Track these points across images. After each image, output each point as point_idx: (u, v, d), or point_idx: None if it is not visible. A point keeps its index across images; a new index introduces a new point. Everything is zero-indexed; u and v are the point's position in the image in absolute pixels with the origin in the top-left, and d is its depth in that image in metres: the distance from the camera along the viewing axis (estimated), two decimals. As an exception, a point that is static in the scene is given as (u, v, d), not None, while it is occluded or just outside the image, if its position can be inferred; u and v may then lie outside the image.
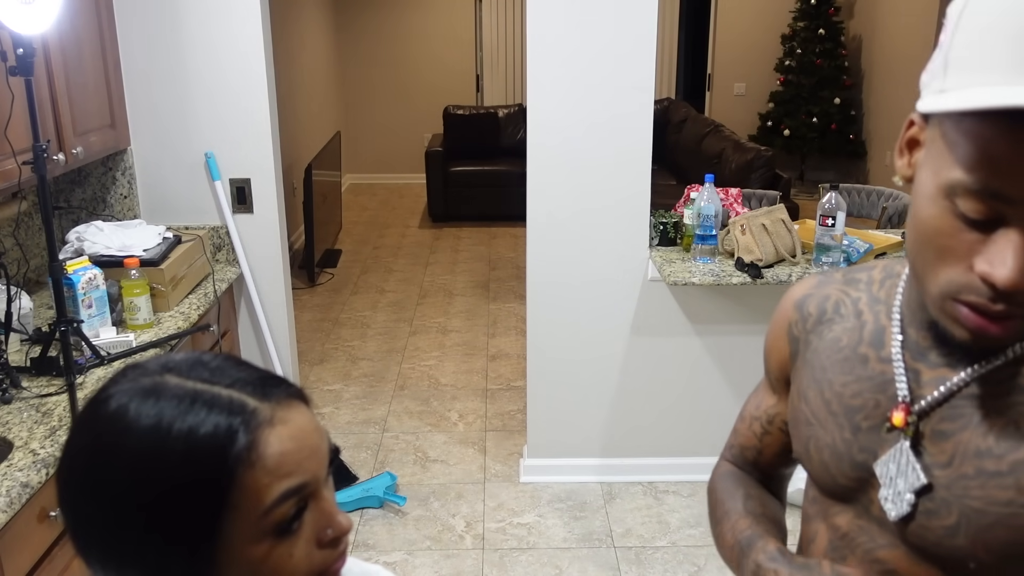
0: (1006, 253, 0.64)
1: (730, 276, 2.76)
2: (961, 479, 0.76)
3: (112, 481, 0.63)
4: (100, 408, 0.66)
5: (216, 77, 2.82)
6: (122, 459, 0.63)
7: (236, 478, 0.63)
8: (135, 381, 0.66)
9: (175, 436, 0.63)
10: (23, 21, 1.76)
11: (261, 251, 3.00)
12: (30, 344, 2.17)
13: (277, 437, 0.66)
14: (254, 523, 0.64)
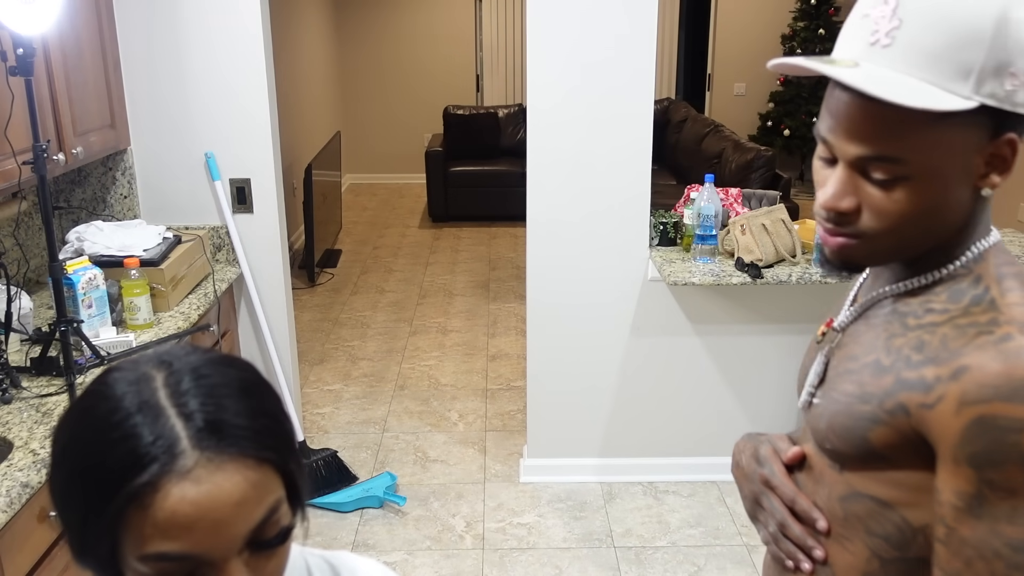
0: (829, 182, 0.86)
1: (730, 276, 2.76)
2: (836, 377, 0.93)
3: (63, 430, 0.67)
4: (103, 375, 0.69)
5: (216, 77, 2.82)
6: (74, 415, 0.67)
7: (124, 510, 0.62)
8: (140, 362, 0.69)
9: (112, 429, 0.63)
10: (23, 21, 1.76)
11: (261, 251, 3.00)
12: (30, 344, 2.17)
13: (179, 495, 0.61)
14: (136, 559, 0.63)
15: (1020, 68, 0.78)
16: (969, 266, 0.87)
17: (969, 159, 0.82)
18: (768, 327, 3.10)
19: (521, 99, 8.41)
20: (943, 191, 0.82)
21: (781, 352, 3.13)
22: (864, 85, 0.78)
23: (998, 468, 0.77)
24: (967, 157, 0.81)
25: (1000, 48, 0.77)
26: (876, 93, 0.77)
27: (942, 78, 0.78)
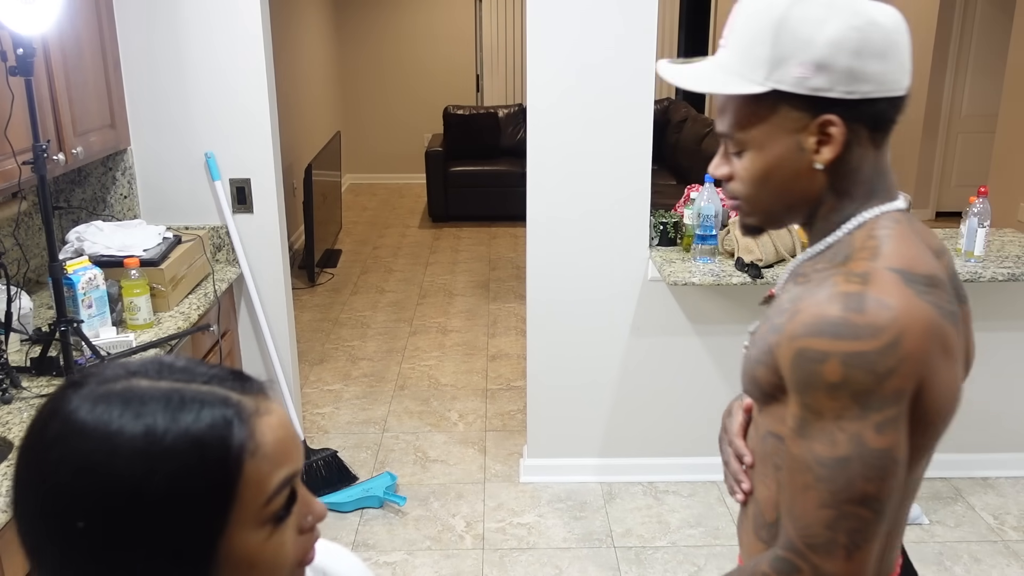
0: (716, 158, 1.06)
1: (730, 276, 2.76)
2: (755, 334, 1.04)
3: (104, 500, 0.60)
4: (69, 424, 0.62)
5: (216, 77, 2.82)
6: (116, 474, 0.60)
7: (242, 469, 0.63)
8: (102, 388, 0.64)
9: (172, 439, 0.61)
10: (23, 21, 1.76)
11: (261, 251, 3.00)
12: (30, 344, 2.16)
13: (269, 426, 0.66)
14: (255, 514, 0.65)
15: (805, 59, 0.92)
16: (852, 232, 0.99)
17: (795, 136, 0.97)
18: (768, 327, 3.10)
19: (521, 99, 8.41)
20: (776, 160, 0.98)
21: (781, 352, 3.13)
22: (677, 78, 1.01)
23: (810, 393, 0.90)
24: (791, 134, 0.97)
25: (781, 43, 0.93)
26: (682, 84, 1.00)
27: (746, 69, 0.96)
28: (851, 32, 0.91)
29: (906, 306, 0.89)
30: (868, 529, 0.89)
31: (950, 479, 3.23)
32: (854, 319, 0.88)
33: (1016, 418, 3.21)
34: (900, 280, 0.91)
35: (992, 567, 2.74)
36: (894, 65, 0.94)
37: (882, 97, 0.96)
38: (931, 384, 0.90)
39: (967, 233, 2.85)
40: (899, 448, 0.89)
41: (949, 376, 0.91)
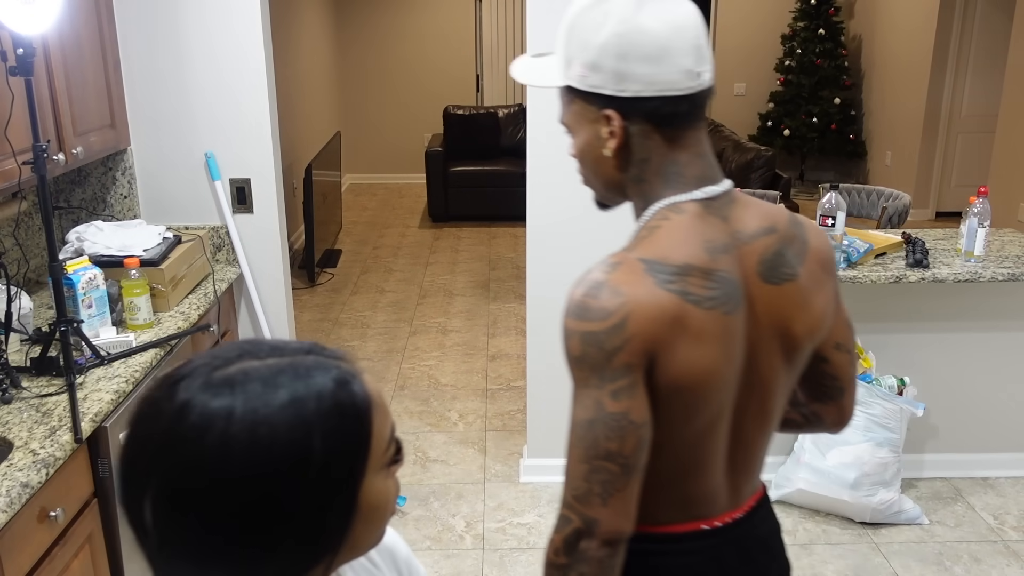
0: None
1: (730, 276, 2.76)
2: None
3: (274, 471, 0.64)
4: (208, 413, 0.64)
5: (216, 77, 2.82)
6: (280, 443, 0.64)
7: (371, 420, 0.69)
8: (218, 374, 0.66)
9: (315, 402, 0.66)
10: (23, 21, 1.76)
11: (261, 251, 3.00)
12: (30, 344, 2.16)
13: (370, 382, 0.72)
14: (379, 461, 0.71)
15: (584, 60, 1.07)
16: (648, 218, 1.11)
17: (594, 126, 1.09)
18: (768, 327, 3.10)
19: (521, 99, 8.41)
20: (583, 145, 1.12)
21: (781, 352, 3.13)
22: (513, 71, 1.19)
23: (568, 366, 1.05)
24: (591, 123, 1.10)
25: (570, 46, 1.09)
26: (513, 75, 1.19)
27: (557, 67, 1.12)
28: (615, 38, 1.04)
29: (637, 293, 1.01)
30: (616, 480, 1.03)
31: (950, 479, 3.23)
32: (590, 303, 1.02)
33: (1016, 418, 3.21)
34: (643, 269, 1.03)
35: (992, 567, 2.74)
36: (666, 68, 1.04)
37: (655, 96, 1.06)
38: (665, 359, 1.03)
39: (967, 233, 2.85)
40: (634, 411, 1.02)
41: (693, 353, 1.03)
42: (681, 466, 1.13)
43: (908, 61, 6.96)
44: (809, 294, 1.14)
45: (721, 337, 1.05)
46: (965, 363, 3.14)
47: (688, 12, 1.06)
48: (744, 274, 1.09)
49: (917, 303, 3.07)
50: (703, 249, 1.06)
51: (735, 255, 1.09)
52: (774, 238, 1.12)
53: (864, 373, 2.90)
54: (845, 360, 1.25)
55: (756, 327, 1.11)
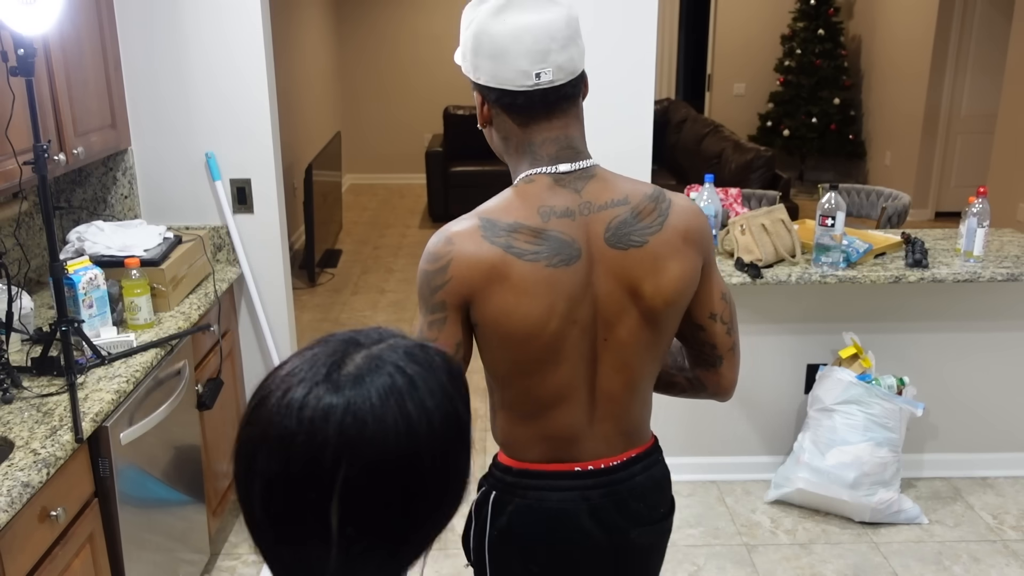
0: None
1: (729, 276, 2.77)
2: None
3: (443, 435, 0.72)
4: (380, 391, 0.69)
5: (217, 77, 2.83)
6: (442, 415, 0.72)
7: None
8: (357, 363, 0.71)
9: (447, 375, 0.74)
10: (24, 21, 1.76)
11: (261, 251, 3.00)
12: (31, 344, 2.17)
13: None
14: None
15: (461, 51, 1.32)
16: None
17: (479, 105, 1.33)
18: (768, 327, 3.10)
19: (521, 99, 8.40)
20: (478, 116, 1.35)
21: (781, 352, 3.14)
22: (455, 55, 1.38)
23: None
24: (478, 102, 1.33)
25: (462, 46, 1.32)
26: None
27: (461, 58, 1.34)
28: (471, 37, 1.27)
29: (464, 244, 1.23)
30: None
31: (949, 479, 3.23)
32: (431, 248, 1.26)
33: (1016, 418, 3.22)
34: (476, 225, 1.24)
35: (991, 567, 2.74)
36: (503, 66, 1.24)
37: (497, 87, 1.27)
38: (481, 301, 1.23)
39: (966, 233, 2.86)
40: (440, 340, 1.25)
41: (509, 297, 1.22)
42: (536, 404, 1.33)
43: (908, 61, 6.97)
44: (660, 261, 1.29)
45: (539, 286, 1.23)
46: (964, 363, 3.15)
47: (535, 21, 1.22)
48: (588, 237, 1.27)
49: (916, 303, 3.08)
50: (537, 212, 1.25)
51: (580, 221, 1.27)
52: (624, 209, 1.30)
53: (864, 373, 2.91)
54: (721, 330, 1.40)
55: (604, 285, 1.28)
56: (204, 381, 2.65)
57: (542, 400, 1.32)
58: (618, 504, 1.38)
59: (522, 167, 1.31)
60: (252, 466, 0.69)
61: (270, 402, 0.69)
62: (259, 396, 0.71)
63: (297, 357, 0.71)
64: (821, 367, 3.04)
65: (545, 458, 1.36)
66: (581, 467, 1.36)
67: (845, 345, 2.98)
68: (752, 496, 3.14)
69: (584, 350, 1.30)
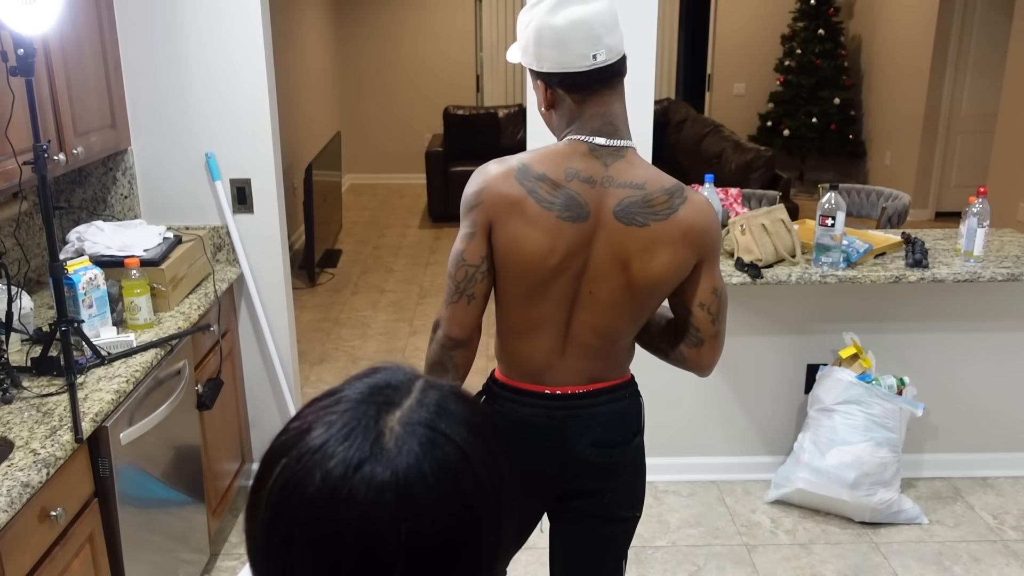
0: None
1: (730, 276, 2.77)
2: None
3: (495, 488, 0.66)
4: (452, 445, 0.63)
5: (216, 77, 2.82)
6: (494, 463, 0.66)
7: None
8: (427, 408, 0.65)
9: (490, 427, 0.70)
10: (24, 21, 1.76)
11: (261, 251, 3.00)
12: (31, 344, 2.17)
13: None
14: None
15: (523, 47, 1.53)
16: None
17: (539, 91, 1.56)
18: (768, 327, 3.10)
19: (521, 99, 8.41)
20: (538, 102, 1.59)
21: (781, 352, 3.14)
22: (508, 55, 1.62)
23: None
24: (539, 89, 1.56)
25: (519, 36, 1.54)
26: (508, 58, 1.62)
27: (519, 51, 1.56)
28: (534, 32, 1.49)
29: (498, 180, 1.52)
30: (451, 296, 1.58)
31: (950, 479, 3.23)
32: (474, 176, 1.56)
33: (1016, 418, 3.22)
34: (514, 167, 1.52)
35: (991, 567, 2.74)
36: (566, 52, 1.47)
37: (560, 71, 1.50)
38: (499, 226, 1.52)
39: (967, 233, 2.85)
40: (467, 252, 1.55)
41: (520, 229, 1.50)
42: (522, 328, 1.61)
43: (908, 61, 6.97)
44: (654, 245, 1.50)
45: (547, 229, 1.50)
46: (965, 363, 3.14)
47: (587, 12, 1.46)
48: (599, 205, 1.50)
49: (917, 303, 3.08)
50: (563, 171, 1.50)
51: (598, 190, 1.50)
52: (638, 193, 1.51)
53: (864, 373, 2.91)
54: (707, 319, 1.62)
55: (601, 248, 1.52)
56: (204, 381, 2.65)
57: (527, 325, 1.60)
58: (579, 425, 1.64)
59: (567, 132, 1.55)
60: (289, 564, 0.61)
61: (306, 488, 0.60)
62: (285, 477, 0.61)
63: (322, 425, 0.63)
64: (821, 367, 3.04)
65: (522, 378, 1.64)
66: (550, 390, 1.63)
67: (845, 345, 2.98)
68: (752, 496, 3.14)
69: (569, 295, 1.56)
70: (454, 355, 1.61)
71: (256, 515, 0.63)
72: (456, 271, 1.56)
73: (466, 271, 1.55)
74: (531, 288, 1.55)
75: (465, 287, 1.56)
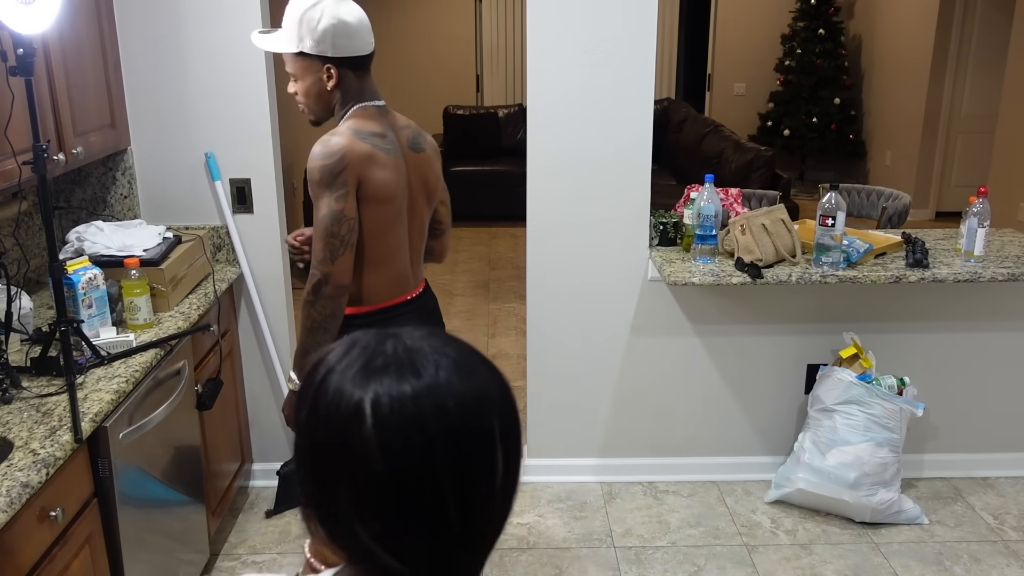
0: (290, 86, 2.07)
1: (730, 276, 2.76)
2: None
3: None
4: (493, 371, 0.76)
5: (216, 77, 2.82)
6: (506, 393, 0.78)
7: None
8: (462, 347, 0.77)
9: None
10: (23, 21, 1.76)
11: (261, 251, 3.00)
12: (30, 344, 2.17)
13: None
14: None
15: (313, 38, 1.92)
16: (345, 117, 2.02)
17: (315, 74, 1.97)
18: (768, 327, 3.10)
19: (521, 99, 8.41)
20: (310, 85, 1.99)
21: (781, 352, 3.13)
22: (261, 44, 2.02)
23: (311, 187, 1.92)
24: (313, 73, 1.97)
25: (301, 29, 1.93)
26: (264, 47, 2.02)
27: (291, 40, 1.95)
28: (331, 26, 1.91)
29: (350, 143, 1.91)
30: (338, 249, 1.91)
31: (950, 479, 3.23)
32: (323, 151, 1.90)
33: (1016, 418, 3.22)
34: (352, 133, 1.93)
35: (992, 567, 2.74)
36: (357, 42, 1.95)
37: (352, 56, 1.95)
38: (367, 178, 1.92)
39: (967, 233, 2.85)
40: (347, 209, 1.90)
41: (380, 175, 1.94)
42: (386, 253, 2.03)
43: (908, 61, 6.96)
44: (432, 161, 2.15)
45: (394, 169, 1.98)
46: (965, 363, 3.14)
47: (360, 9, 1.95)
48: (401, 144, 2.05)
49: (917, 303, 3.08)
50: (379, 125, 2.00)
51: (394, 134, 2.04)
52: (411, 129, 2.13)
53: (864, 373, 2.90)
54: (446, 212, 2.26)
55: (412, 175, 2.06)
56: (204, 381, 2.64)
57: (391, 250, 2.03)
58: (427, 318, 2.19)
59: (354, 102, 2.01)
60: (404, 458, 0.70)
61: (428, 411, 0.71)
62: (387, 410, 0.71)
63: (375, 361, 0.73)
64: (821, 367, 3.04)
65: (392, 295, 2.07)
66: (410, 296, 2.12)
67: (845, 345, 2.98)
68: (752, 496, 3.14)
69: (405, 217, 2.05)
70: (342, 301, 1.94)
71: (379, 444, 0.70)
72: (339, 227, 1.89)
73: (348, 224, 1.90)
74: (390, 218, 1.99)
75: (348, 238, 1.91)
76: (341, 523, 0.72)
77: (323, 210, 1.89)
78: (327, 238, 1.88)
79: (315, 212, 1.90)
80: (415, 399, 0.69)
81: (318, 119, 2.05)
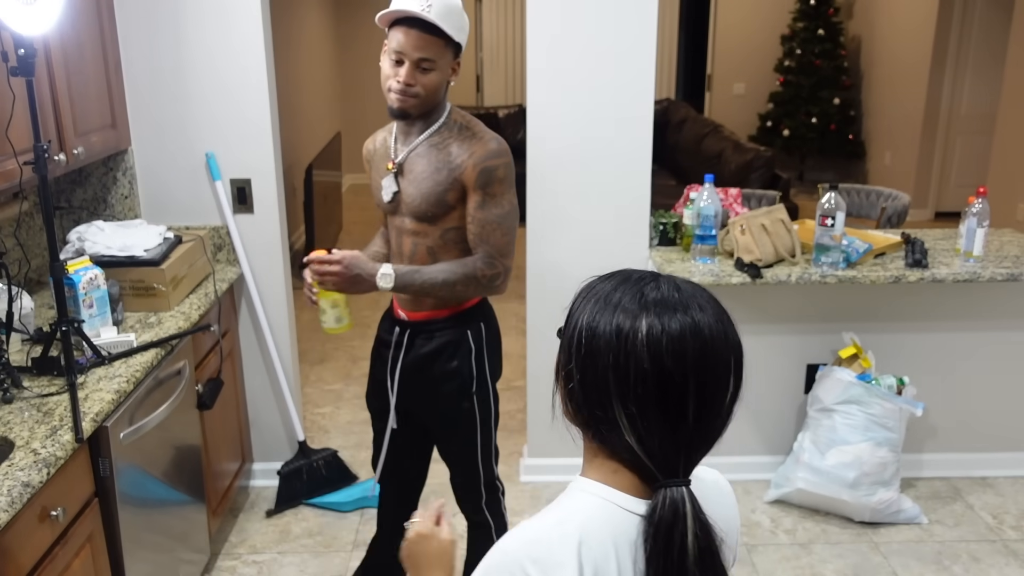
0: (403, 71, 1.91)
1: (730, 276, 2.77)
2: (413, 182, 2.02)
3: None
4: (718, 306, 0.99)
5: (217, 77, 2.83)
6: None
7: None
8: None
9: None
10: (24, 21, 1.76)
11: (262, 251, 3.00)
12: (31, 344, 2.17)
13: None
14: None
15: (465, 32, 1.96)
16: (446, 119, 2.02)
17: (448, 66, 1.96)
18: (768, 327, 3.10)
19: (521, 99, 8.41)
20: (441, 78, 1.95)
21: (780, 352, 3.14)
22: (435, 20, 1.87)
23: (491, 185, 1.97)
24: (447, 65, 1.96)
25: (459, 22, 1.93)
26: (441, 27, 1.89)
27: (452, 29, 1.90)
28: (464, 21, 1.95)
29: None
30: (514, 244, 2.04)
31: (949, 479, 3.24)
32: (501, 147, 1.98)
33: (1016, 418, 3.22)
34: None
35: (991, 566, 2.74)
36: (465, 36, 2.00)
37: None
38: None
39: (966, 233, 2.86)
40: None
41: None
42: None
43: (908, 61, 6.97)
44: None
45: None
46: (964, 363, 3.15)
47: None
48: None
49: (916, 303, 3.08)
50: None
51: None
52: None
53: (864, 373, 2.91)
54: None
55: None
56: (204, 381, 2.65)
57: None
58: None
59: (446, 104, 2.04)
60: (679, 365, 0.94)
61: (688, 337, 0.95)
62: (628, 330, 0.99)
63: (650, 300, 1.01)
64: (821, 367, 3.04)
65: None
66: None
67: (845, 345, 2.98)
68: (752, 496, 3.14)
69: None
70: None
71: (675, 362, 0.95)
72: (517, 224, 2.04)
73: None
74: None
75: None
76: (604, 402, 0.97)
77: (506, 207, 1.98)
78: (512, 233, 2.00)
79: (492, 207, 1.96)
80: (681, 322, 0.92)
81: (419, 112, 1.97)
